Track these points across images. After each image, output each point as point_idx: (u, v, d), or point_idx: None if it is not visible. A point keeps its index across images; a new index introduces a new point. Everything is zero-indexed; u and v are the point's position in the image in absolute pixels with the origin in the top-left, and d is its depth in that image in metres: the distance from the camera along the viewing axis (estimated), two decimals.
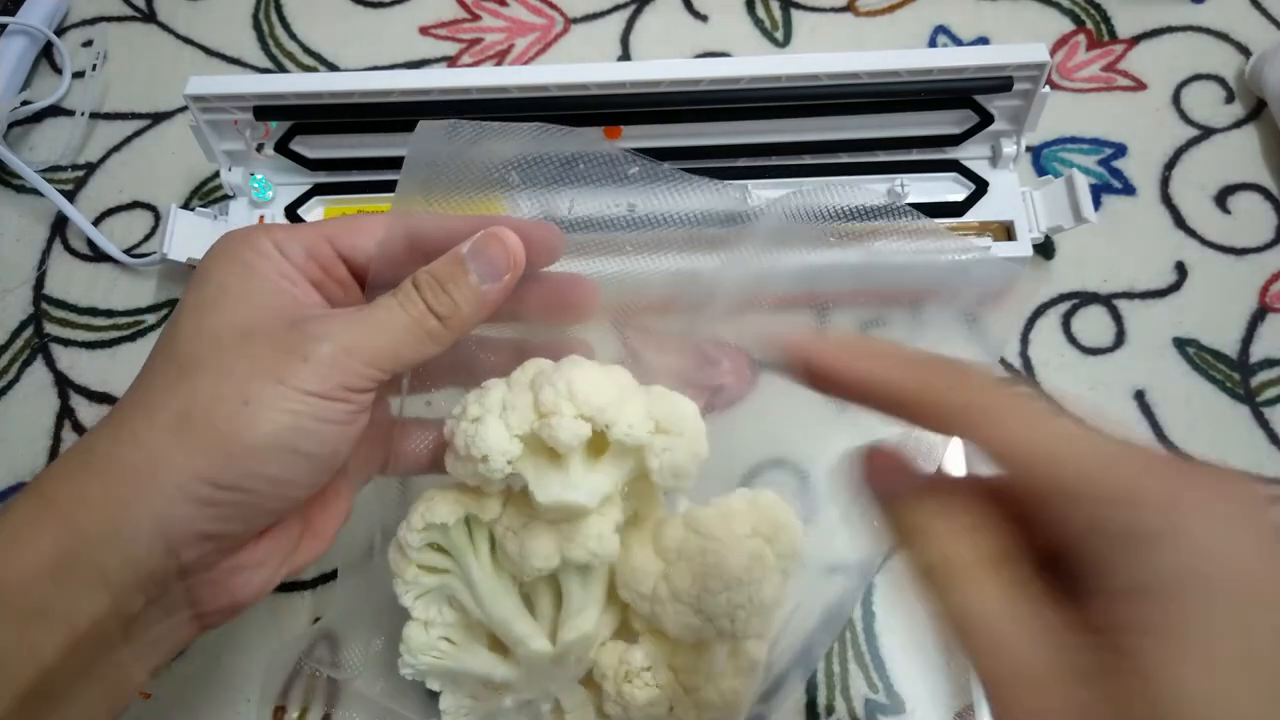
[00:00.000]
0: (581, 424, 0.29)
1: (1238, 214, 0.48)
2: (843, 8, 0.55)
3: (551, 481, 0.30)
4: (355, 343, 0.26)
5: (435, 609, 0.33)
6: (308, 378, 0.25)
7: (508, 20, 0.55)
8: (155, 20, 0.56)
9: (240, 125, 0.44)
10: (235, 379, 0.25)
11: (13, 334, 0.47)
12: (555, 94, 0.42)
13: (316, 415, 0.25)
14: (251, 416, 0.24)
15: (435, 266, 0.28)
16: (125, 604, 0.24)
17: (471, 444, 0.29)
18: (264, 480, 0.25)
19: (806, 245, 0.33)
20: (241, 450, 0.24)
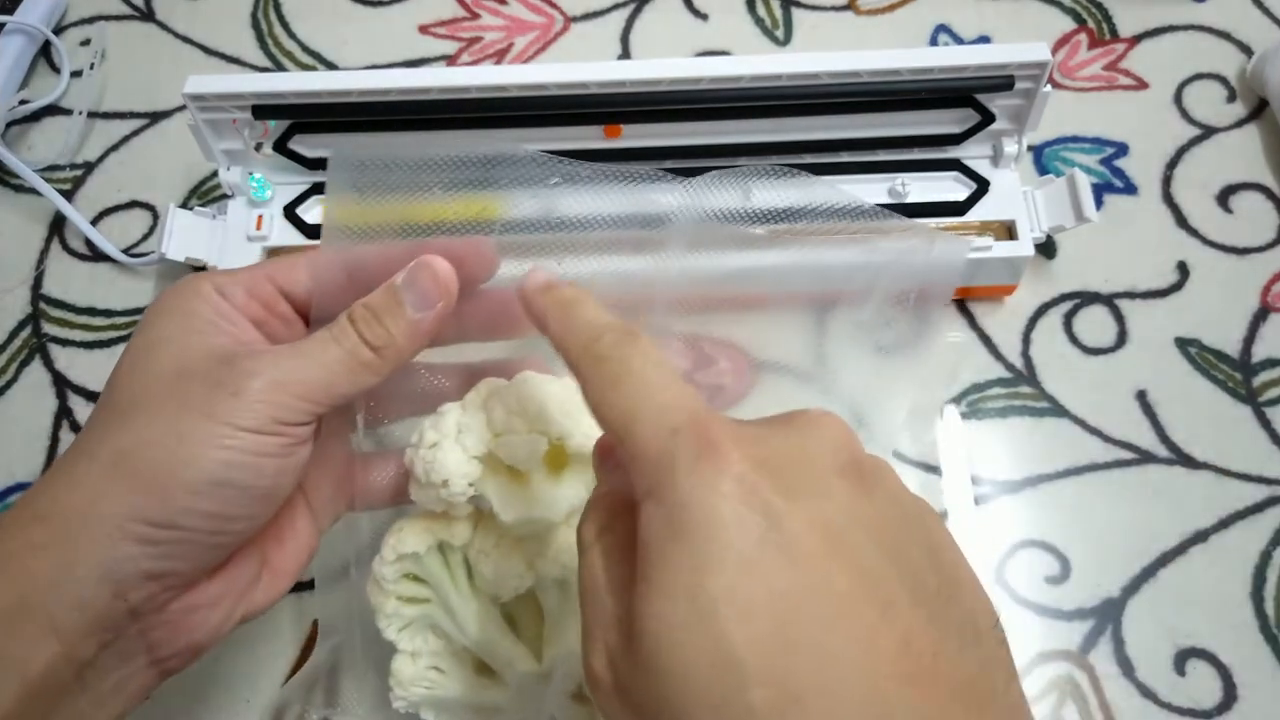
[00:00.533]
0: (536, 439, 0.29)
1: (1239, 213, 0.48)
2: (843, 6, 0.55)
3: (514, 499, 0.30)
4: (286, 376, 0.26)
5: (420, 639, 0.33)
6: (238, 413, 0.25)
7: (507, 19, 0.55)
8: (154, 19, 0.56)
9: (239, 124, 0.43)
10: (168, 418, 0.25)
11: (10, 334, 0.46)
12: (555, 93, 0.42)
13: (249, 449, 0.26)
14: (185, 453, 0.25)
15: (370, 298, 0.28)
16: (77, 650, 0.24)
17: (431, 470, 0.29)
18: (201, 516, 0.25)
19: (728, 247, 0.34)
20: (176, 487, 0.25)
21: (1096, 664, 0.38)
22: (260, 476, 0.26)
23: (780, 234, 0.34)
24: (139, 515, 0.24)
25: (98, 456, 0.25)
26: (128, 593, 0.25)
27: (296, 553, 0.30)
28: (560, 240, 0.37)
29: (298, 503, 0.31)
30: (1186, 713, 0.37)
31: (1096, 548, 0.40)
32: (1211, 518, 0.40)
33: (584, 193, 0.33)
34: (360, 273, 0.30)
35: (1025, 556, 0.40)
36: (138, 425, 0.25)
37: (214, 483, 0.25)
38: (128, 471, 0.25)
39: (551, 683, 0.32)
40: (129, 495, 0.24)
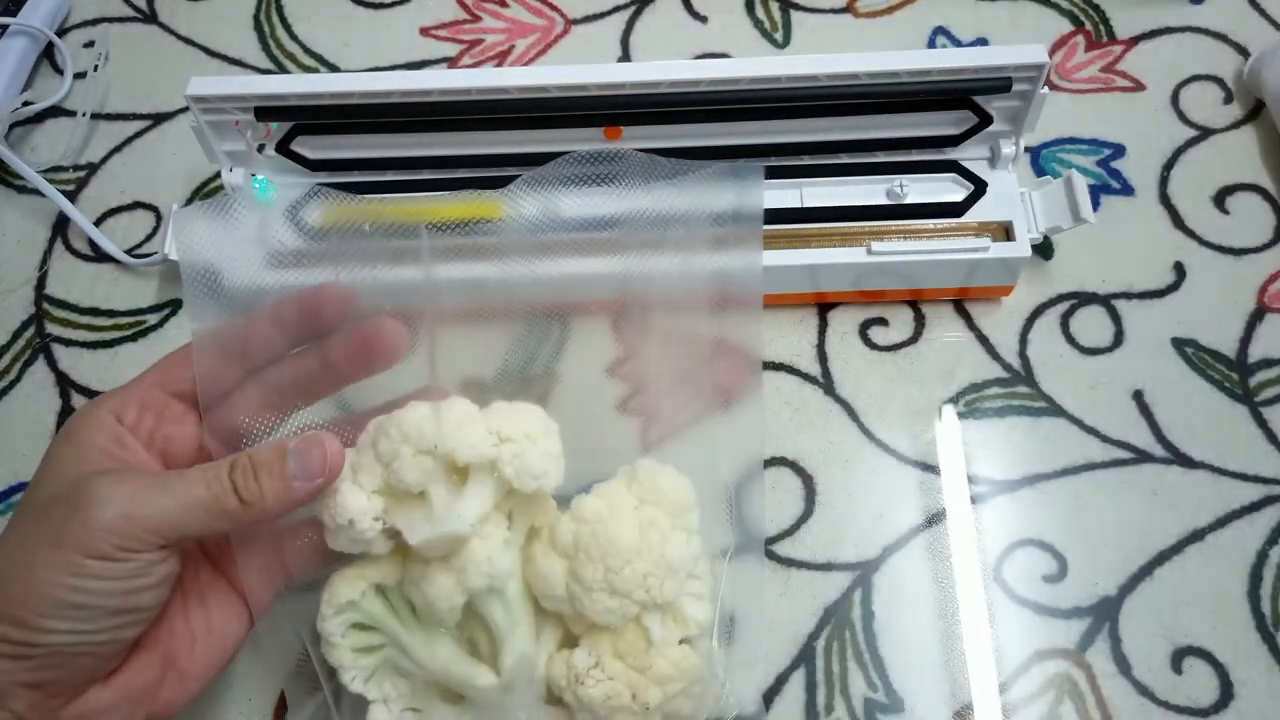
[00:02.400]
0: (423, 459, 0.30)
1: (1236, 214, 0.48)
2: (842, 9, 0.55)
3: (418, 522, 0.30)
4: (138, 509, 0.27)
5: (388, 684, 0.34)
6: (83, 541, 0.27)
7: (508, 21, 0.56)
8: (156, 21, 0.56)
9: (241, 126, 0.44)
10: (26, 547, 0.27)
11: (14, 334, 0.47)
12: (555, 95, 0.42)
13: (94, 574, 0.27)
14: (34, 581, 0.26)
15: (256, 453, 0.29)
16: None
17: (336, 514, 0.30)
18: (60, 634, 0.27)
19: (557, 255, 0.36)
20: (28, 614, 0.26)
21: (1094, 663, 0.38)
22: (109, 597, 0.27)
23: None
24: (5, 638, 0.26)
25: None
26: (10, 703, 0.26)
27: (210, 651, 0.31)
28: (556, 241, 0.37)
29: (217, 598, 0.32)
30: (1183, 711, 0.37)
31: (1094, 547, 0.40)
32: (1208, 517, 0.40)
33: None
34: (233, 347, 0.32)
35: (1022, 555, 0.40)
36: (3, 553, 0.28)
37: (62, 605, 0.26)
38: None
39: (514, 692, 0.32)
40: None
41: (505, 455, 0.31)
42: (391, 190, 0.46)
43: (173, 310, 0.47)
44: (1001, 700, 0.37)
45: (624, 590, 0.31)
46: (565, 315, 0.38)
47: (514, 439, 0.31)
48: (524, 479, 0.31)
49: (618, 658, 0.32)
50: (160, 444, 0.32)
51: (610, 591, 0.31)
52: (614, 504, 0.32)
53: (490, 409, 0.32)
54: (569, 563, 0.32)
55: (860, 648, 0.38)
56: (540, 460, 0.31)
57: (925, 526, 0.40)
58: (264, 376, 0.33)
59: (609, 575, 0.31)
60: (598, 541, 0.31)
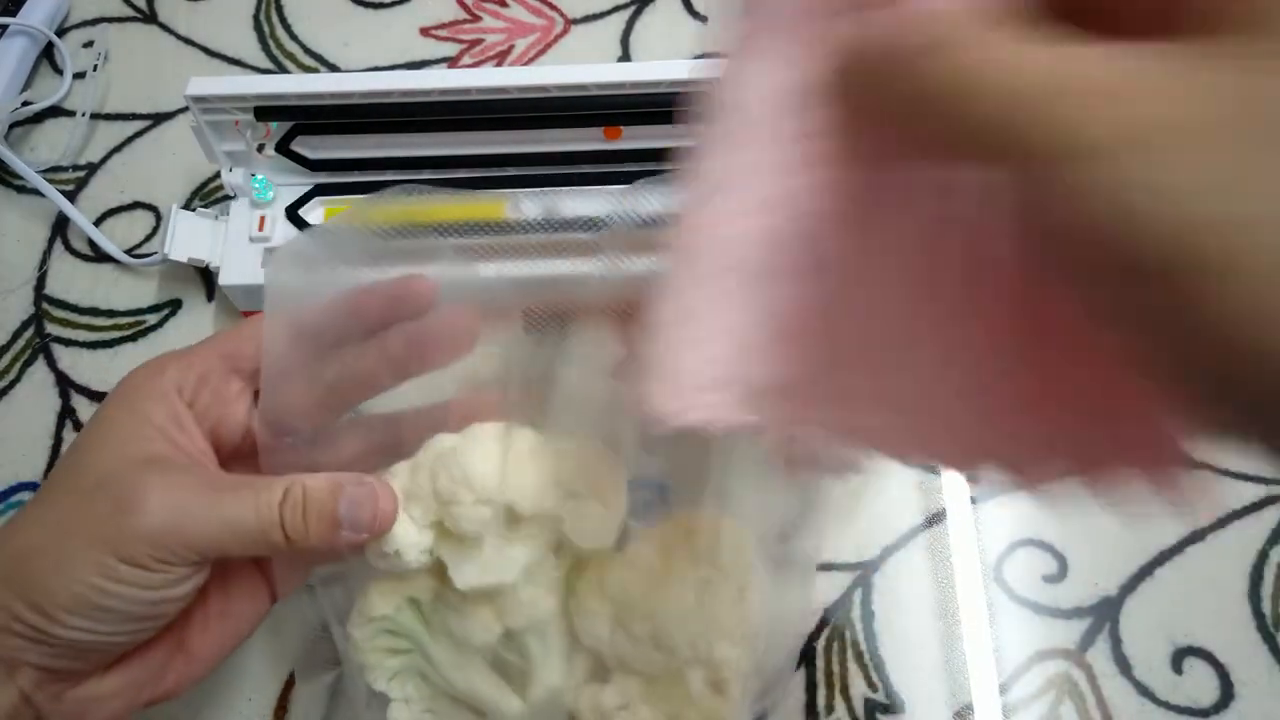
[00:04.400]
0: (481, 509, 0.29)
1: None
2: None
3: (468, 566, 0.30)
4: (181, 524, 0.26)
5: (410, 685, 0.33)
6: (121, 546, 0.26)
7: (508, 21, 0.56)
8: (156, 21, 0.56)
9: (241, 126, 0.44)
10: (62, 534, 0.26)
11: (14, 334, 0.47)
12: (555, 94, 0.42)
13: (125, 580, 0.26)
14: (64, 576, 0.26)
15: (311, 487, 0.28)
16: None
17: (383, 540, 0.29)
18: (80, 631, 0.26)
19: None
20: (51, 606, 0.26)
21: (1094, 662, 0.38)
22: (134, 603, 0.26)
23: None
24: (18, 616, 0.26)
25: (3, 545, 0.27)
26: (18, 679, 0.26)
27: (224, 634, 0.30)
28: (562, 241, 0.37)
29: (239, 580, 0.31)
30: (1184, 711, 0.37)
31: (1094, 546, 0.40)
32: (1209, 516, 0.40)
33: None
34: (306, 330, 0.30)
35: (1023, 555, 0.40)
36: (37, 532, 0.27)
37: (85, 605, 0.26)
38: (16, 578, 0.26)
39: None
40: (11, 600, 0.26)
41: (569, 513, 0.29)
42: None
43: (172, 310, 0.47)
44: (1002, 700, 0.37)
45: (670, 647, 0.30)
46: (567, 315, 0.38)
47: (580, 494, 0.29)
48: (583, 539, 0.30)
49: (648, 701, 0.32)
50: (213, 422, 0.30)
51: (656, 646, 0.30)
52: (671, 557, 0.31)
53: (557, 449, 0.30)
54: (615, 609, 0.31)
55: (860, 648, 0.38)
56: (603, 522, 0.30)
57: (925, 526, 0.40)
58: (324, 366, 0.31)
59: (658, 633, 0.30)
60: (651, 598, 0.30)
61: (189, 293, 0.47)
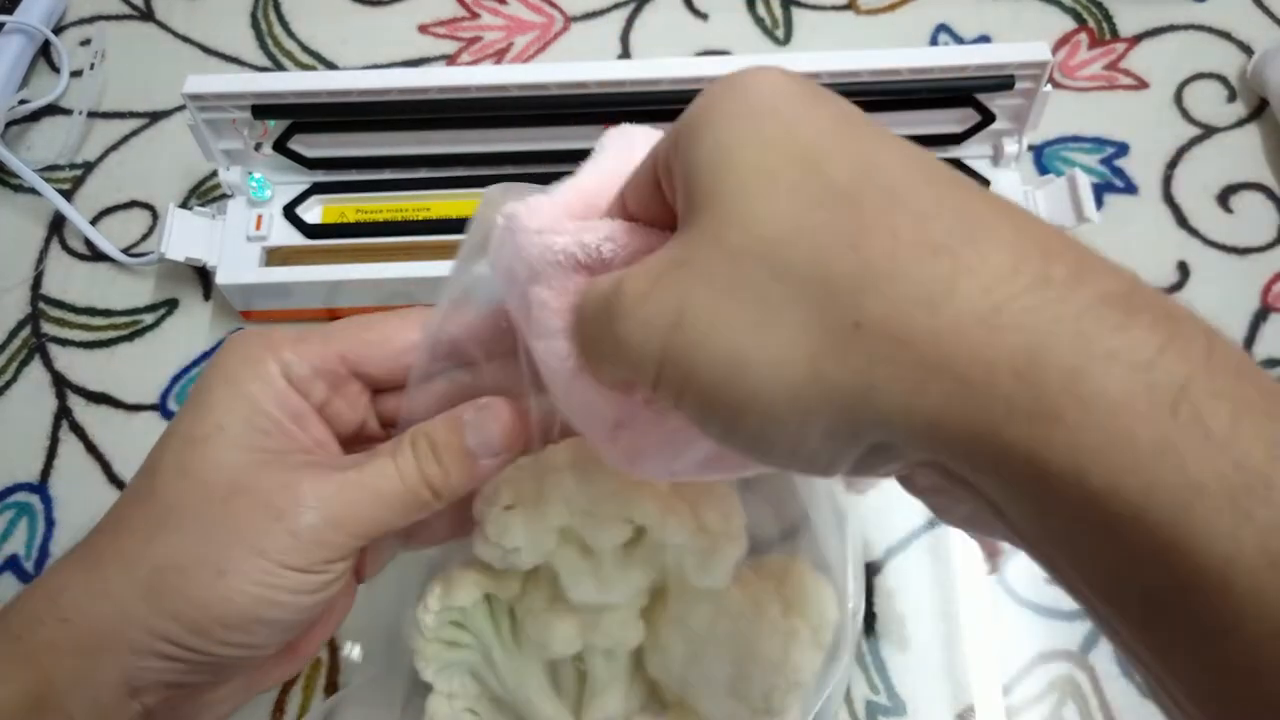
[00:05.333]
0: (624, 527, 0.28)
1: (1240, 213, 0.47)
2: (844, 6, 0.55)
3: (585, 580, 0.29)
4: (344, 513, 0.25)
5: (458, 681, 0.32)
6: (290, 551, 0.24)
7: (507, 18, 0.55)
8: (153, 19, 0.56)
9: (238, 124, 0.43)
10: (215, 544, 0.24)
11: (10, 334, 0.46)
12: (555, 92, 0.42)
13: (291, 588, 0.25)
14: (225, 589, 0.24)
15: (432, 429, 0.27)
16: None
17: (504, 535, 0.28)
18: (233, 647, 0.25)
19: None
20: (210, 621, 0.24)
21: (1097, 664, 0.38)
22: (296, 613, 0.25)
23: None
24: (167, 637, 0.24)
25: (134, 567, 0.24)
26: (144, 698, 0.25)
27: (323, 631, 0.29)
28: None
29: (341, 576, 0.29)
30: None
31: None
32: None
33: None
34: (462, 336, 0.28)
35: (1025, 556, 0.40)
36: (180, 543, 0.24)
37: (249, 619, 0.24)
38: (163, 595, 0.24)
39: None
40: (161, 620, 0.24)
41: (695, 548, 0.28)
42: (390, 189, 0.46)
43: (169, 310, 0.47)
44: (1004, 702, 0.37)
45: (745, 696, 0.30)
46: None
47: (711, 532, 0.28)
48: (699, 576, 0.29)
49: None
50: (328, 418, 0.28)
51: (730, 692, 0.30)
52: (760, 604, 0.30)
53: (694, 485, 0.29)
54: (695, 648, 0.30)
55: (862, 649, 0.38)
56: (723, 564, 0.29)
57: (927, 528, 0.40)
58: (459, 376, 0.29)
59: (736, 681, 0.30)
60: (736, 644, 0.30)
61: (186, 292, 0.47)
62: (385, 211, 0.45)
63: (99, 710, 0.24)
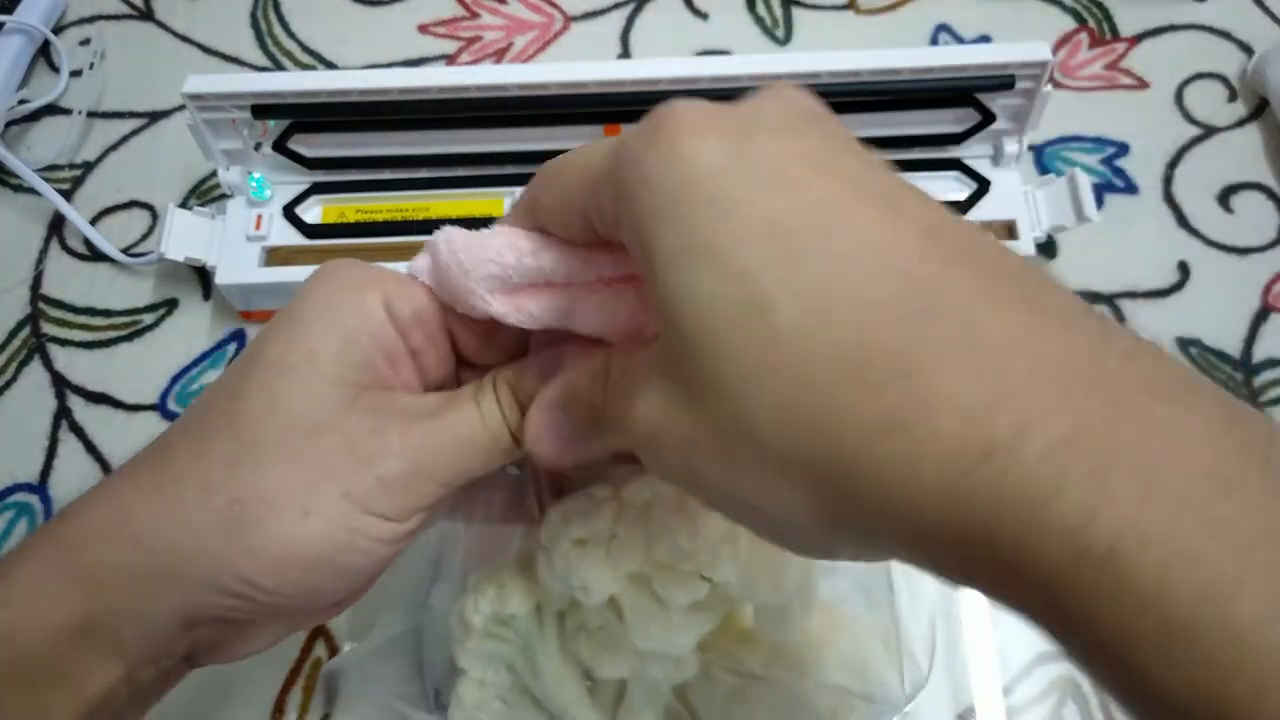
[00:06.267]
0: (700, 585, 0.27)
1: (1240, 213, 0.47)
2: (844, 6, 0.55)
3: (652, 627, 0.28)
4: (430, 461, 0.24)
5: (492, 671, 0.32)
6: (377, 497, 0.23)
7: (507, 18, 0.55)
8: (153, 18, 0.56)
9: (238, 124, 0.43)
10: (301, 481, 0.23)
11: (10, 334, 0.46)
12: (555, 92, 0.42)
13: (374, 535, 0.24)
14: (309, 529, 0.23)
15: (507, 375, 0.25)
16: (137, 674, 0.23)
17: (572, 572, 0.27)
18: (304, 590, 0.24)
19: None
20: (291, 563, 0.23)
21: None
22: (373, 561, 0.24)
23: None
24: (241, 575, 0.23)
25: (214, 495, 0.23)
26: (195, 630, 0.24)
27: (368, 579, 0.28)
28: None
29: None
30: None
31: None
32: None
33: None
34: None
35: None
36: (263, 476, 0.23)
37: (328, 563, 0.23)
38: (243, 527, 0.22)
39: None
40: (238, 556, 0.22)
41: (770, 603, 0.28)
42: (390, 189, 0.45)
43: (169, 310, 0.47)
44: (1005, 703, 0.37)
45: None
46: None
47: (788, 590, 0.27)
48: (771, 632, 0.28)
49: None
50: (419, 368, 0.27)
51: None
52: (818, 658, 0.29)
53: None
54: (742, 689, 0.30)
55: None
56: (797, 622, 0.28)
57: None
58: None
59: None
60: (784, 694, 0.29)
61: (185, 292, 0.47)
62: (385, 211, 0.45)
63: (150, 640, 0.23)
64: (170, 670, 0.25)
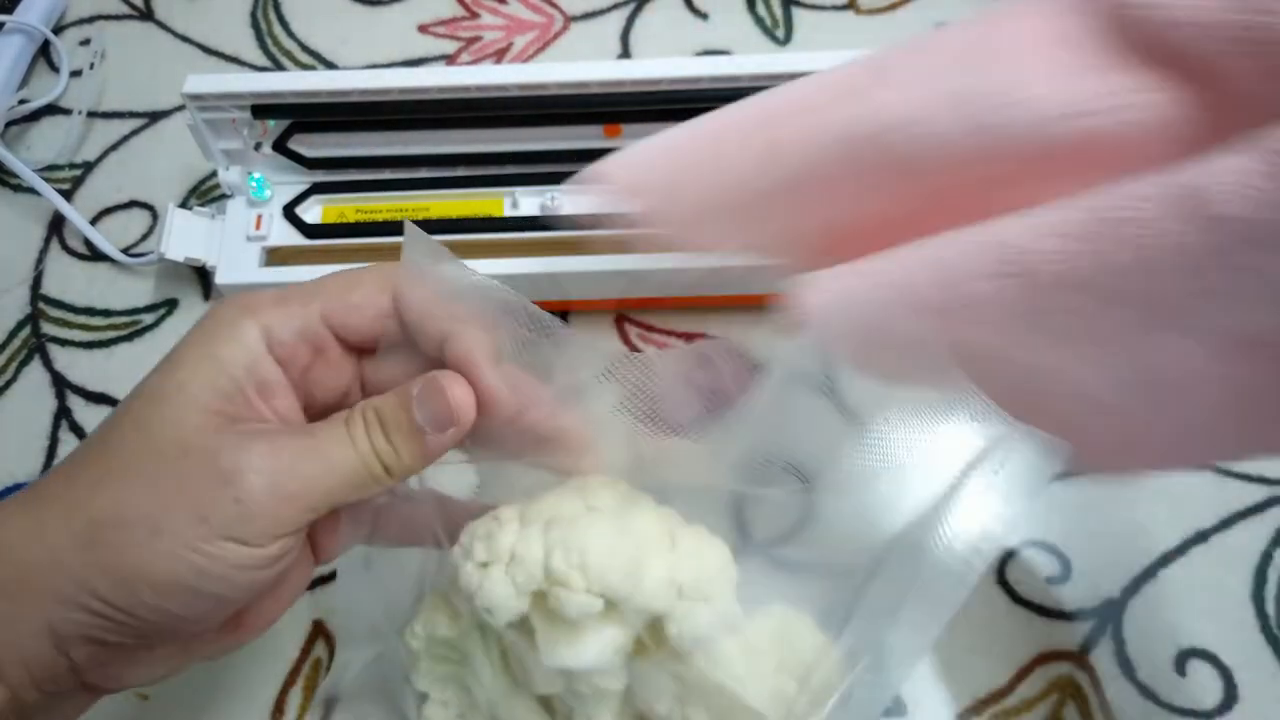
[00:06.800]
0: (592, 600, 0.27)
1: None
2: (844, 6, 0.55)
3: (559, 645, 0.28)
4: (293, 483, 0.24)
5: (451, 692, 0.32)
6: (233, 521, 0.23)
7: (507, 18, 0.55)
8: (153, 18, 0.56)
9: (238, 124, 0.43)
10: (155, 503, 0.23)
11: (10, 334, 0.46)
12: (555, 92, 0.42)
13: (230, 562, 0.24)
14: (156, 550, 0.23)
15: (380, 405, 0.26)
16: (20, 695, 0.24)
17: (476, 593, 0.27)
18: (160, 613, 0.24)
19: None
20: (141, 583, 0.23)
21: (1097, 664, 0.38)
22: (232, 588, 0.24)
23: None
24: (96, 594, 0.23)
25: (72, 516, 0.23)
26: (69, 650, 0.24)
27: (273, 606, 0.28)
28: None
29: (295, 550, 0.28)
30: (1187, 713, 0.37)
31: (1097, 548, 0.40)
32: (1212, 518, 0.40)
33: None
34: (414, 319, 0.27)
35: (1026, 557, 0.40)
36: (122, 496, 0.23)
37: (179, 587, 0.23)
38: (97, 548, 0.23)
39: None
40: (91, 573, 0.23)
41: (677, 614, 0.27)
42: (390, 189, 0.45)
43: (169, 310, 0.47)
44: (1005, 703, 0.37)
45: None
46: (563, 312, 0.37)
47: (691, 595, 0.27)
48: (684, 642, 0.28)
49: None
50: (308, 387, 0.27)
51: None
52: (752, 657, 0.30)
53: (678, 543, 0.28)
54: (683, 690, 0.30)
55: None
56: (709, 628, 0.28)
57: None
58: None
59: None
60: (723, 695, 0.29)
61: (185, 292, 0.47)
62: (385, 211, 0.45)
63: (24, 659, 0.23)
64: (64, 696, 0.25)
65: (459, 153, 0.45)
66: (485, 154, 0.45)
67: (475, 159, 0.45)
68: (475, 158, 0.45)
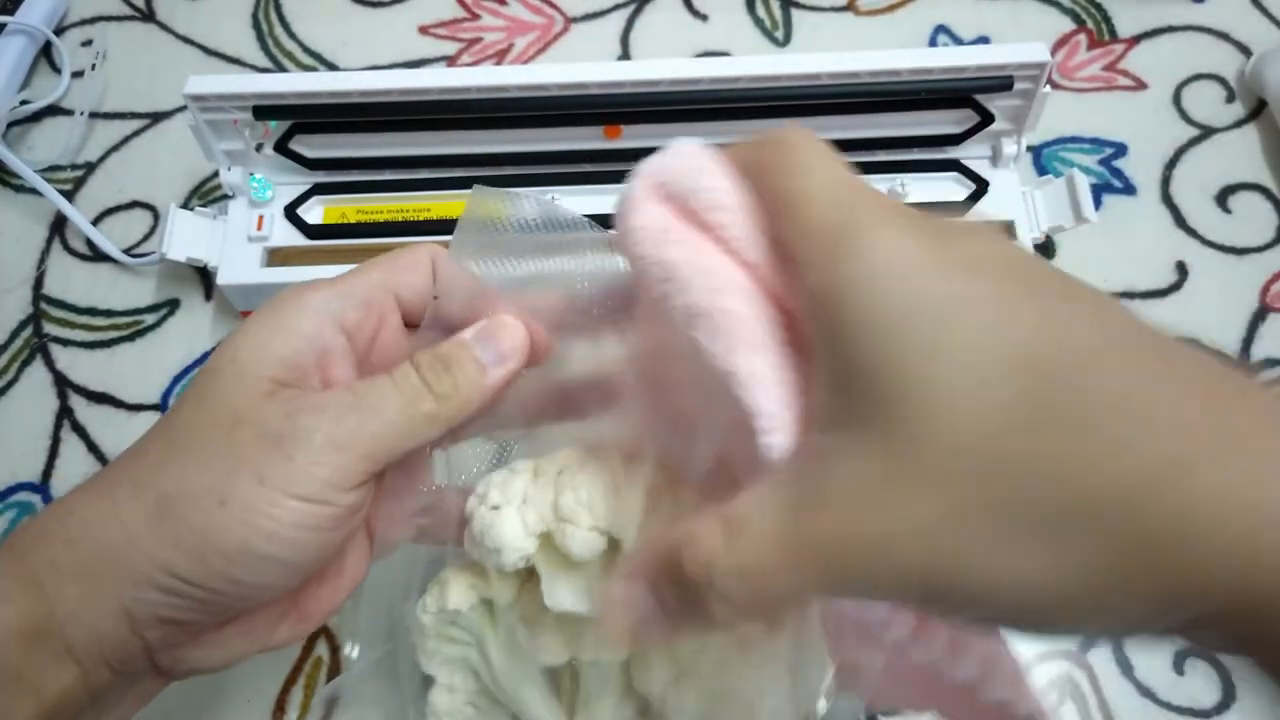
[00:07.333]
0: (596, 537, 0.27)
1: (1238, 214, 0.48)
2: (843, 7, 0.55)
3: (563, 588, 0.28)
4: (347, 434, 0.24)
5: (459, 676, 0.33)
6: (293, 479, 0.24)
7: (507, 19, 0.55)
8: (154, 19, 0.56)
9: (239, 125, 0.44)
10: (217, 473, 0.24)
11: (12, 334, 0.46)
12: (555, 93, 0.42)
13: (296, 522, 0.24)
14: (226, 519, 0.23)
15: (440, 347, 0.27)
16: (93, 677, 0.24)
17: (486, 534, 0.28)
18: (231, 583, 0.24)
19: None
20: (211, 553, 0.23)
21: (1096, 663, 0.38)
22: (301, 550, 0.24)
23: None
24: (169, 568, 0.23)
25: (142, 494, 0.24)
26: (143, 631, 0.24)
27: (334, 595, 0.28)
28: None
29: (353, 542, 0.29)
30: (1185, 712, 0.37)
31: None
32: None
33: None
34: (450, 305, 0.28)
35: None
36: (186, 471, 0.24)
37: (250, 553, 0.24)
38: (167, 522, 0.23)
39: None
40: (163, 547, 0.23)
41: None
42: (391, 189, 0.46)
43: (170, 310, 0.47)
44: None
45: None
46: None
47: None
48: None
49: None
50: (370, 358, 0.28)
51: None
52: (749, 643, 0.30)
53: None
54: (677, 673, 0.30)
55: None
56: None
57: None
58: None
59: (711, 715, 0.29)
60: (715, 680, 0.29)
61: (187, 292, 0.47)
62: (386, 212, 0.45)
63: (99, 640, 0.24)
64: (136, 679, 0.25)
65: (460, 153, 0.45)
66: (486, 155, 0.45)
67: (476, 159, 0.45)
68: (476, 158, 0.45)
